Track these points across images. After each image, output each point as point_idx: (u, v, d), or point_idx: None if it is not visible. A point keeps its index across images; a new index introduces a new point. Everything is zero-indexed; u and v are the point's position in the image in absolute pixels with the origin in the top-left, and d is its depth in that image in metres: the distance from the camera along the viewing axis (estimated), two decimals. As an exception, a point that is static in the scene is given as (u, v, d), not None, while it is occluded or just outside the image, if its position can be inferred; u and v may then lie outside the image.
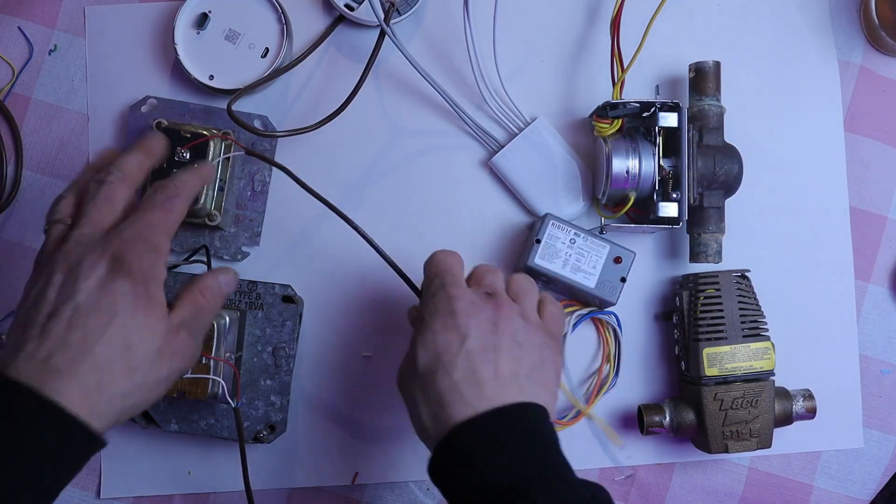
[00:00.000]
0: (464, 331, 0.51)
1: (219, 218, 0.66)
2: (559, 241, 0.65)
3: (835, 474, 0.71)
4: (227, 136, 0.65)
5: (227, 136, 0.65)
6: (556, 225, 0.66)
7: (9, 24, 0.71)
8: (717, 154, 0.65)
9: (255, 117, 0.69)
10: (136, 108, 0.69)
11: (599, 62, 0.70)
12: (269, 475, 0.70)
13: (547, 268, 0.65)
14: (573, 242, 0.65)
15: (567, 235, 0.65)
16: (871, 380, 0.71)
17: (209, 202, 0.65)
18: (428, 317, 0.53)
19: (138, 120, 0.69)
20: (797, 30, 0.72)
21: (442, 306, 0.53)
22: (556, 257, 0.65)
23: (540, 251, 0.65)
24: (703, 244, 0.66)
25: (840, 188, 0.72)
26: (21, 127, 0.71)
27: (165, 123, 0.66)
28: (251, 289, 0.67)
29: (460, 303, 0.53)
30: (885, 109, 0.72)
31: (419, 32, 0.71)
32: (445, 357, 0.51)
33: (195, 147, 0.64)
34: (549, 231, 0.66)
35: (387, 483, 0.70)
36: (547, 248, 0.65)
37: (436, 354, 0.51)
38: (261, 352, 0.67)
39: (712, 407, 0.64)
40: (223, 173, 0.66)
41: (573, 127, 0.71)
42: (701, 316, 0.65)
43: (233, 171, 0.68)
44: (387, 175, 0.70)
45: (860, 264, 0.71)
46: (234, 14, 0.69)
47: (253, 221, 0.69)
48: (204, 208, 0.65)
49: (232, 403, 0.63)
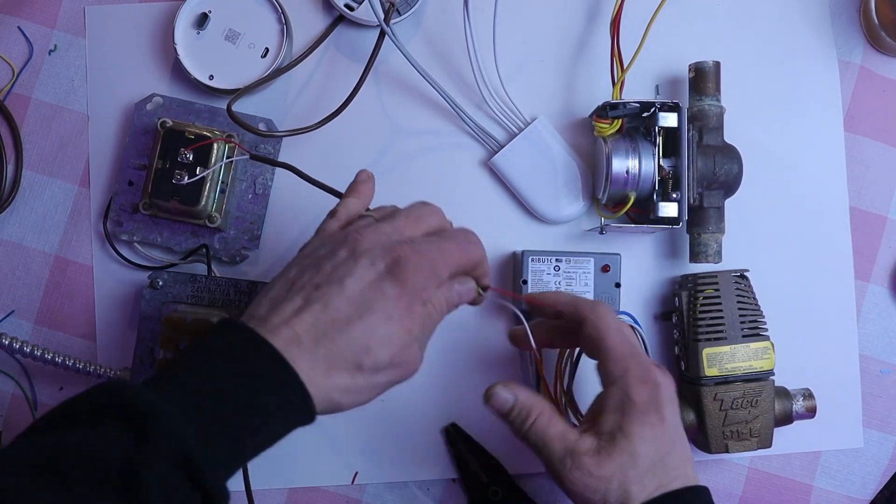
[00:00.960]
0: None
1: (219, 220, 0.66)
2: (544, 272, 0.66)
3: (835, 474, 0.71)
4: (231, 140, 0.65)
5: (230, 140, 0.65)
6: (535, 258, 0.66)
7: (9, 24, 0.71)
8: (717, 154, 0.65)
9: (259, 120, 0.69)
10: (142, 105, 0.69)
11: (599, 62, 0.71)
12: (268, 475, 0.70)
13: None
14: (557, 269, 0.66)
15: (549, 264, 0.66)
16: (871, 380, 0.71)
17: (210, 204, 0.65)
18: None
19: (143, 117, 0.69)
20: (797, 30, 0.72)
21: None
22: (547, 288, 0.66)
23: (530, 289, 0.66)
24: (703, 244, 0.66)
25: (840, 188, 0.72)
26: (21, 127, 0.71)
27: (170, 123, 0.66)
28: (251, 289, 0.67)
29: None
30: (885, 109, 0.72)
31: (419, 32, 0.71)
32: None
33: (199, 149, 0.64)
34: (531, 267, 0.66)
35: (387, 483, 0.70)
36: (535, 283, 0.66)
37: None
38: (261, 352, 0.67)
39: (712, 407, 0.64)
40: (225, 176, 0.66)
41: (573, 127, 0.71)
42: (700, 316, 0.65)
43: (235, 173, 0.68)
44: (387, 175, 0.70)
45: (860, 264, 0.71)
46: (234, 14, 0.69)
47: (253, 224, 0.69)
48: (205, 210, 0.65)
49: (232, 403, 0.62)
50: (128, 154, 0.69)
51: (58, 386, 0.70)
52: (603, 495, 0.51)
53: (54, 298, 0.70)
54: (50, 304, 0.70)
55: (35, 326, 0.70)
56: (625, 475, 0.50)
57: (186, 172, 0.64)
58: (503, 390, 0.54)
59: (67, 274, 0.70)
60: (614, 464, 0.50)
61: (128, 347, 0.69)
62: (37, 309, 0.70)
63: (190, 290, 0.67)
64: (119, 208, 0.69)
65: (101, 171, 0.70)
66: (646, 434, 0.51)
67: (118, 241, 0.70)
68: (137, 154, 0.69)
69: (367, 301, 0.48)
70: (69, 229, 0.70)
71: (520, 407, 0.53)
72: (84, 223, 0.70)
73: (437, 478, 0.70)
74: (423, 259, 0.49)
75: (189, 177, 0.64)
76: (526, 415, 0.53)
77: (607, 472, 0.50)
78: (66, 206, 0.70)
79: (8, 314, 0.70)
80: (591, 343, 0.54)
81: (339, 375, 0.47)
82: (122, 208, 0.69)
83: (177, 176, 0.64)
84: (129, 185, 0.69)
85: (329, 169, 0.70)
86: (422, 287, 0.49)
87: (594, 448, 0.51)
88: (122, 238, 0.69)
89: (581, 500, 0.51)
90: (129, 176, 0.69)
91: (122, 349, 0.70)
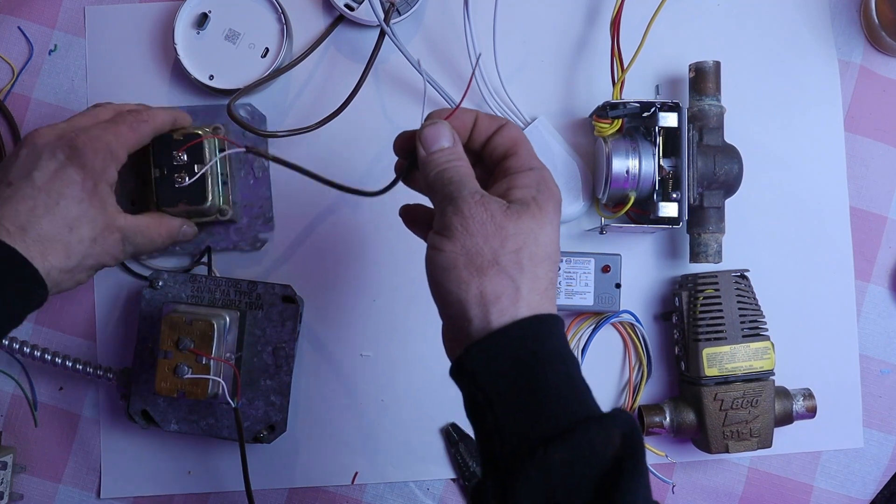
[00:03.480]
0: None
1: (230, 211, 0.66)
2: None
3: (835, 474, 0.71)
4: (218, 133, 0.65)
5: (217, 132, 0.65)
6: None
7: (9, 24, 0.71)
8: (717, 154, 0.65)
9: (240, 107, 0.68)
10: None
11: (599, 62, 0.70)
12: (269, 475, 0.70)
13: None
14: (558, 269, 0.65)
15: None
16: (871, 380, 0.71)
17: (217, 198, 0.65)
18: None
19: None
20: (797, 30, 0.72)
21: None
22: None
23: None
24: (703, 244, 0.66)
25: (840, 188, 0.71)
26: (21, 127, 0.71)
27: None
28: (251, 289, 0.67)
29: None
30: (885, 109, 0.72)
31: (419, 32, 0.71)
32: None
33: (191, 148, 0.64)
34: None
35: (387, 483, 0.70)
36: None
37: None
38: (261, 352, 0.67)
39: (712, 407, 0.64)
40: (223, 168, 0.66)
41: (573, 127, 0.71)
42: (700, 316, 0.65)
43: (232, 163, 0.68)
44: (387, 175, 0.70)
45: (860, 264, 0.71)
46: (234, 14, 0.69)
47: (263, 208, 0.69)
48: (214, 205, 0.65)
49: (232, 403, 0.63)
50: (123, 174, 0.68)
51: (58, 386, 0.70)
52: (493, 252, 0.44)
53: (54, 298, 0.70)
54: (50, 304, 0.70)
55: (35, 326, 0.70)
56: (524, 243, 0.45)
57: (186, 173, 0.64)
58: (444, 127, 0.49)
59: (67, 274, 0.70)
60: (521, 225, 0.45)
61: (128, 347, 0.69)
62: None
63: (190, 290, 0.67)
64: None
65: (101, 171, 0.70)
66: (555, 221, 0.47)
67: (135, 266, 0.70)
68: (130, 167, 0.67)
69: (59, 188, 0.54)
70: (69, 229, 0.70)
71: (454, 148, 0.49)
72: (84, 223, 0.70)
73: (437, 478, 0.70)
74: (98, 142, 0.56)
75: (189, 176, 0.63)
76: (456, 155, 0.48)
77: (511, 228, 0.45)
78: (66, 206, 0.70)
79: (8, 314, 0.70)
80: (508, 143, 0.49)
81: (55, 256, 0.54)
82: None
83: (177, 179, 0.63)
84: (132, 206, 0.68)
85: (329, 169, 0.70)
86: (103, 167, 0.56)
87: (504, 204, 0.46)
88: (143, 263, 0.70)
89: (460, 247, 0.45)
90: (130, 197, 0.68)
91: (122, 349, 0.70)
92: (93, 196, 0.56)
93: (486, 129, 0.51)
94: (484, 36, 0.66)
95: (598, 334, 0.69)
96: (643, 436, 0.42)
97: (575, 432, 0.41)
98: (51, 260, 0.53)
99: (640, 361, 0.70)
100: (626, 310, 0.68)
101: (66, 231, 0.54)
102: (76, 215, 0.55)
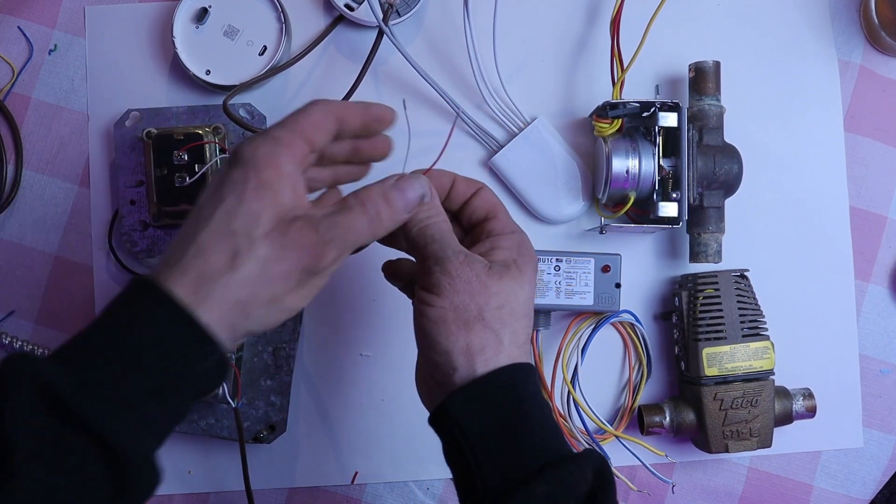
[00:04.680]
0: None
1: None
2: (544, 272, 0.65)
3: (835, 474, 0.71)
4: (218, 133, 0.65)
5: (217, 133, 0.65)
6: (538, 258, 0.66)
7: (9, 24, 0.71)
8: (717, 154, 0.65)
9: (239, 106, 0.68)
10: (121, 123, 0.68)
11: (599, 62, 0.70)
12: (269, 475, 0.70)
13: (541, 303, 0.65)
14: (558, 269, 0.65)
15: (550, 264, 0.65)
16: (871, 380, 0.71)
17: None
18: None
19: (125, 134, 0.68)
20: (797, 30, 0.72)
21: None
22: (547, 290, 0.65)
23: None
24: (703, 244, 0.66)
25: (840, 188, 0.72)
26: (21, 127, 0.71)
27: (155, 132, 0.65)
28: (251, 289, 0.67)
29: None
30: (885, 109, 0.72)
31: (420, 34, 0.71)
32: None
33: (192, 149, 0.64)
34: None
35: (387, 483, 0.70)
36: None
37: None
38: (261, 352, 0.67)
39: (712, 407, 0.64)
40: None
41: (573, 127, 0.71)
42: (700, 316, 0.65)
43: None
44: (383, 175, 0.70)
45: (860, 264, 0.71)
46: (234, 10, 0.69)
47: None
48: None
49: (232, 403, 0.63)
50: (123, 174, 0.68)
51: (58, 386, 0.70)
52: (478, 308, 0.47)
53: (54, 298, 0.70)
54: (50, 304, 0.70)
55: (35, 326, 0.70)
56: (506, 301, 0.48)
57: (186, 173, 0.64)
58: (424, 183, 0.50)
59: (67, 274, 0.70)
60: (503, 285, 0.48)
61: (128, 347, 0.69)
62: (37, 309, 0.70)
63: (190, 290, 0.67)
64: (130, 229, 0.68)
65: (101, 172, 0.70)
66: (532, 282, 0.50)
67: (133, 259, 0.70)
68: (131, 172, 0.68)
69: (218, 197, 0.43)
70: (69, 229, 0.70)
71: (433, 204, 0.50)
72: (84, 223, 0.70)
73: (436, 478, 0.70)
74: (256, 138, 0.45)
75: (190, 176, 0.64)
76: (436, 211, 0.50)
77: (494, 287, 0.48)
78: (66, 206, 0.70)
79: (8, 314, 0.70)
80: (488, 206, 0.52)
81: (219, 271, 0.42)
82: (132, 228, 0.68)
83: (178, 179, 0.63)
84: (131, 205, 0.68)
85: (329, 169, 0.70)
86: (266, 156, 0.44)
87: (486, 264, 0.49)
88: (139, 258, 0.69)
89: (449, 304, 0.47)
90: (129, 196, 0.68)
91: (122, 349, 0.70)
92: (256, 188, 0.44)
93: (464, 192, 0.53)
94: (484, 36, 0.66)
95: (598, 334, 0.69)
96: (611, 475, 0.47)
97: (554, 468, 0.44)
98: (216, 279, 0.43)
99: (640, 361, 0.70)
100: (626, 310, 0.68)
101: (227, 237, 0.43)
102: (235, 213, 0.43)
